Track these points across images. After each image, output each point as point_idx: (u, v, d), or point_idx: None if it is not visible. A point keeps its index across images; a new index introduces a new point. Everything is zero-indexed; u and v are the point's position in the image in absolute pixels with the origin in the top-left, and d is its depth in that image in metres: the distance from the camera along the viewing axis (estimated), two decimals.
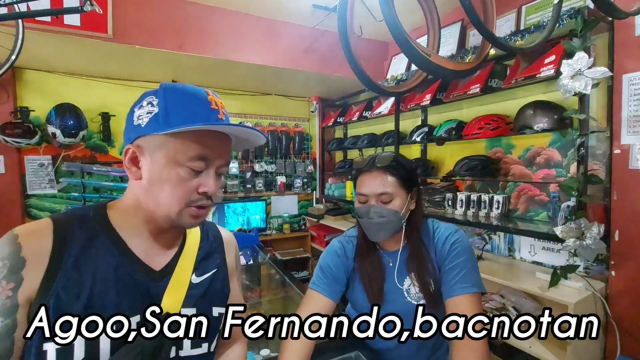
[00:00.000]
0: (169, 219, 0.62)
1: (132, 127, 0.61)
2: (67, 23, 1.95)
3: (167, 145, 0.59)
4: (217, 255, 0.78)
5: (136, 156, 0.61)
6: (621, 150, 1.55)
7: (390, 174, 0.97)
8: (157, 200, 0.61)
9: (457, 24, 2.38)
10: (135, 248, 0.64)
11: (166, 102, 0.59)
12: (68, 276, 0.56)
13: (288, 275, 1.96)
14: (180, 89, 0.62)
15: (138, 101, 0.63)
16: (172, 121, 0.58)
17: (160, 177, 0.60)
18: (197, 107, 0.61)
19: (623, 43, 1.54)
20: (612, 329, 1.54)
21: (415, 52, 1.16)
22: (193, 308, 0.68)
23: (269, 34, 2.58)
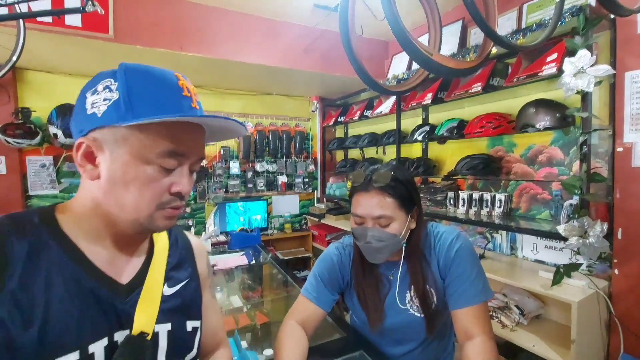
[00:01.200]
0: (137, 223, 0.53)
1: (85, 116, 0.50)
2: (68, 23, 1.95)
3: (131, 140, 0.49)
4: (188, 264, 0.69)
5: (91, 151, 0.51)
6: (624, 148, 1.54)
7: (388, 195, 0.89)
8: (121, 203, 0.51)
9: (458, 22, 2.37)
10: (96, 258, 0.53)
11: (128, 87, 0.49)
12: (13, 299, 0.45)
13: (290, 274, 1.96)
14: (144, 70, 0.51)
15: (90, 84, 0.51)
16: (137, 110, 0.48)
17: (124, 176, 0.50)
18: (167, 93, 0.51)
19: (625, 41, 1.54)
20: (616, 327, 1.54)
21: (416, 50, 1.16)
22: (168, 323, 0.60)
23: (270, 33, 2.58)
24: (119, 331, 0.53)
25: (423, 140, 2.49)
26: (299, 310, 1.00)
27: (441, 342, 1.06)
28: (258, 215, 3.48)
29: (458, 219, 2.15)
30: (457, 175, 2.18)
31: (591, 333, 1.53)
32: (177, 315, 0.62)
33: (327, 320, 1.22)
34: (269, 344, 1.26)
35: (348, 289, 1.05)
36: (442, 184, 2.46)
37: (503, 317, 1.73)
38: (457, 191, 2.29)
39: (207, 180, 3.31)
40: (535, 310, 1.76)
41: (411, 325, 0.98)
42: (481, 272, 0.94)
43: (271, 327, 1.43)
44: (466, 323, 0.87)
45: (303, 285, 1.06)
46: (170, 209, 0.54)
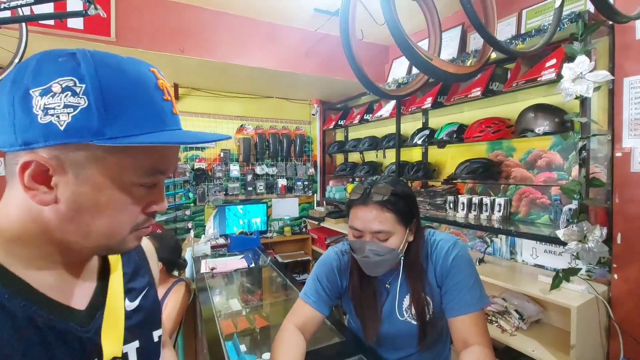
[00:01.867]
0: (104, 248, 0.46)
1: (33, 123, 0.37)
2: (70, 26, 1.96)
3: (107, 160, 0.40)
4: (144, 270, 0.62)
5: (46, 170, 0.39)
6: (622, 153, 1.55)
7: (387, 210, 0.88)
8: (87, 230, 0.42)
9: (458, 27, 2.39)
10: (42, 286, 0.43)
11: (101, 92, 0.38)
12: None
13: (289, 277, 1.96)
14: (116, 66, 0.40)
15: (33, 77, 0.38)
16: (115, 125, 0.38)
17: (96, 202, 0.41)
18: (147, 99, 0.41)
19: (624, 46, 1.55)
20: (615, 332, 1.54)
21: (416, 55, 1.17)
22: (136, 341, 0.53)
23: (271, 37, 2.59)
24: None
25: (423, 144, 2.50)
26: (297, 314, 1.00)
27: (438, 347, 1.06)
28: (258, 218, 3.48)
29: (458, 223, 2.15)
30: (457, 179, 2.19)
31: (591, 338, 1.52)
32: (143, 330, 0.56)
33: (326, 324, 1.22)
34: (267, 348, 1.25)
35: (346, 294, 1.05)
36: (441, 187, 2.47)
37: (502, 321, 1.72)
38: (456, 195, 2.29)
39: (207, 183, 3.31)
40: (534, 314, 1.76)
41: (407, 333, 0.98)
42: (478, 280, 0.94)
43: (270, 330, 1.43)
44: (463, 331, 0.87)
45: (302, 289, 1.05)
46: (144, 229, 0.47)
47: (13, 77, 0.39)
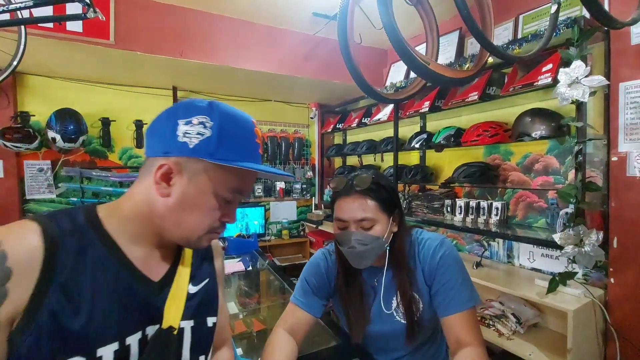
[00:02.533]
0: (185, 240, 0.60)
1: (175, 141, 0.55)
2: (69, 29, 1.97)
3: (211, 173, 0.57)
4: (209, 263, 0.75)
5: (170, 172, 0.56)
6: (618, 158, 1.56)
7: (370, 198, 0.90)
8: (181, 222, 0.58)
9: (455, 32, 2.41)
10: (134, 257, 0.58)
11: (221, 129, 0.56)
12: (64, 289, 0.49)
13: (287, 281, 1.95)
14: (233, 115, 0.59)
15: (184, 113, 0.56)
16: (224, 152, 0.56)
17: (195, 201, 0.57)
18: (246, 140, 0.60)
19: (619, 52, 1.56)
20: (612, 336, 1.54)
21: (413, 59, 1.18)
22: (191, 320, 0.65)
23: (270, 41, 2.60)
24: (150, 325, 0.59)
25: (420, 147, 2.50)
26: (287, 317, 1.00)
27: (432, 347, 1.06)
28: (255, 221, 3.48)
29: (455, 227, 2.16)
30: (455, 182, 2.19)
31: (587, 342, 1.52)
32: (200, 313, 0.67)
33: (322, 327, 1.21)
34: None
35: (335, 294, 1.05)
36: (439, 191, 2.47)
37: (500, 325, 1.72)
38: (454, 199, 2.30)
39: None
40: (532, 318, 1.76)
41: (396, 333, 0.98)
42: (467, 278, 0.94)
43: (267, 334, 1.42)
44: (456, 331, 0.87)
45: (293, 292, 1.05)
46: (215, 233, 0.62)
47: (172, 110, 0.58)
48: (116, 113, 2.93)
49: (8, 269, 0.47)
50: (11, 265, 0.47)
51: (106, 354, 0.52)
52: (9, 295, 0.46)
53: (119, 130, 2.96)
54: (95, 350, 0.51)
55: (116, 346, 0.53)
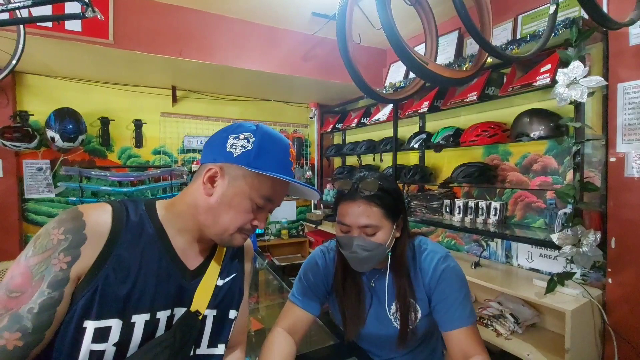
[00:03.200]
0: (219, 237, 0.69)
1: (223, 151, 0.67)
2: (68, 28, 1.97)
3: (247, 179, 0.67)
4: (238, 260, 0.83)
5: (216, 176, 0.67)
6: (616, 158, 1.56)
7: (375, 204, 0.88)
8: (217, 219, 0.67)
9: (454, 32, 2.41)
10: (177, 246, 0.68)
11: (261, 144, 0.67)
12: (119, 260, 0.60)
13: (286, 281, 1.95)
14: (273, 135, 0.70)
15: (233, 130, 0.69)
16: (260, 163, 0.66)
17: (231, 202, 0.67)
18: (281, 157, 0.70)
19: (617, 52, 1.56)
20: (610, 336, 1.54)
21: (412, 60, 1.18)
22: (214, 309, 0.73)
23: (269, 41, 2.61)
24: (178, 307, 0.67)
25: (420, 148, 2.51)
26: (286, 316, 0.99)
27: (427, 349, 1.06)
28: None
29: (454, 227, 2.16)
30: (453, 182, 2.20)
31: (585, 342, 1.53)
32: (223, 304, 0.75)
33: (320, 326, 1.21)
34: None
35: (333, 294, 1.04)
36: (438, 191, 2.47)
37: (498, 325, 1.72)
38: (453, 199, 2.30)
39: None
40: (530, 318, 1.76)
41: (390, 338, 0.97)
42: (468, 294, 0.93)
43: (266, 333, 1.43)
44: (462, 344, 0.87)
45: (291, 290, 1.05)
46: (245, 235, 0.71)
47: (227, 128, 0.71)
48: (115, 112, 2.93)
49: (84, 235, 0.58)
50: (87, 233, 0.58)
51: (139, 321, 0.61)
52: (81, 256, 0.57)
53: (118, 130, 2.96)
54: (131, 316, 0.60)
55: (147, 317, 0.62)
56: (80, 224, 0.58)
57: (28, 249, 0.57)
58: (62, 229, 0.57)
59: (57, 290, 0.55)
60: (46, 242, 0.57)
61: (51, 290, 0.54)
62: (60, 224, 0.58)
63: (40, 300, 0.54)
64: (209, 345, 0.72)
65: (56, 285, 0.55)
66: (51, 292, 0.54)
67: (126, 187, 2.93)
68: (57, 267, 0.55)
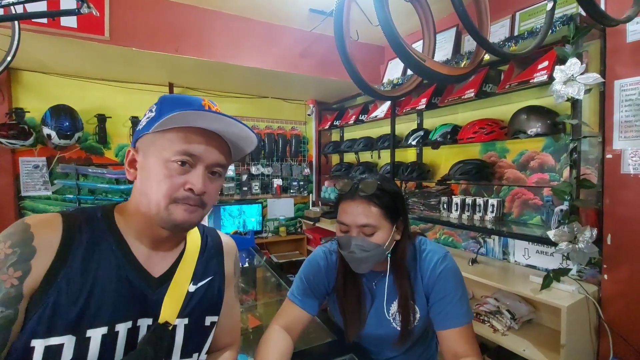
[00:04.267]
0: (159, 217, 0.60)
1: (136, 132, 0.65)
2: (63, 25, 1.95)
3: (156, 142, 0.61)
4: (215, 262, 0.76)
5: (134, 158, 0.64)
6: (613, 155, 1.57)
7: (374, 204, 0.89)
8: (148, 197, 0.60)
9: (452, 29, 2.40)
10: (137, 253, 0.64)
11: (161, 107, 0.63)
12: (71, 274, 0.56)
13: (284, 278, 1.95)
14: (177, 97, 0.66)
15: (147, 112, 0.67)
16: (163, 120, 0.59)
17: (150, 173, 0.61)
18: (187, 107, 0.62)
19: (614, 50, 1.57)
20: (605, 332, 1.56)
21: (410, 57, 1.17)
22: (186, 318, 0.67)
23: (266, 37, 2.59)
24: (142, 318, 0.62)
25: (417, 145, 2.51)
26: (284, 314, 1.00)
27: (422, 346, 1.07)
28: (253, 218, 3.48)
29: (451, 224, 2.17)
30: (451, 180, 2.20)
31: (581, 338, 1.54)
32: (197, 311, 0.69)
33: (317, 324, 1.22)
34: None
35: (332, 294, 1.05)
36: (435, 188, 2.48)
37: (494, 321, 1.74)
38: (450, 196, 2.31)
39: None
40: (526, 314, 1.77)
41: (389, 338, 0.98)
42: (465, 295, 0.94)
43: (263, 330, 1.43)
44: (454, 344, 0.87)
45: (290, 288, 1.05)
46: (185, 204, 0.61)
47: None
48: (112, 109, 2.91)
49: (33, 247, 0.55)
50: (36, 245, 0.55)
51: (94, 336, 0.56)
52: (31, 270, 0.54)
53: (115, 127, 2.95)
54: (85, 331, 0.55)
55: (105, 330, 0.57)
56: (28, 236, 0.55)
57: None
58: (8, 242, 0.54)
59: (11, 308, 0.51)
60: None
61: (4, 309, 0.51)
62: (7, 238, 0.54)
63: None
64: (182, 356, 0.67)
65: (9, 302, 0.51)
66: (4, 311, 0.51)
67: (123, 185, 2.92)
68: (7, 284, 0.52)
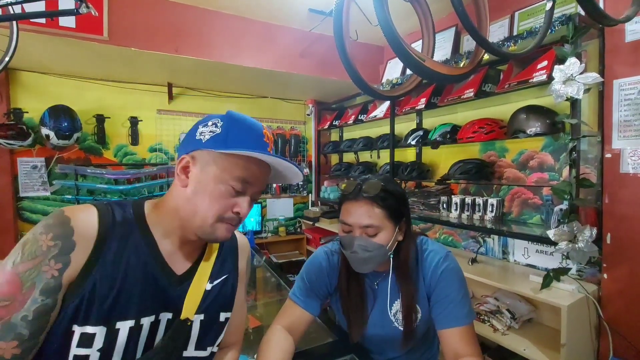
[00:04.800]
0: (201, 229, 0.65)
1: (193, 140, 0.66)
2: (62, 25, 1.94)
3: (218, 162, 0.64)
4: (230, 261, 0.80)
5: (188, 165, 0.65)
6: (612, 155, 1.57)
7: (377, 205, 0.89)
8: (196, 209, 0.64)
9: (451, 29, 2.40)
10: (163, 249, 0.67)
11: (228, 127, 0.65)
12: (105, 267, 0.59)
13: (284, 278, 1.95)
14: (243, 119, 0.68)
15: (204, 120, 0.68)
16: (229, 143, 0.63)
17: (205, 188, 0.64)
18: (252, 137, 0.66)
19: (613, 49, 1.57)
20: (605, 331, 1.56)
21: (409, 56, 1.17)
22: (202, 314, 0.71)
23: (266, 37, 2.59)
24: (163, 312, 0.66)
25: (417, 144, 2.51)
26: (286, 314, 1.00)
27: (424, 346, 1.07)
28: (252, 218, 3.47)
29: (451, 223, 2.17)
30: (450, 179, 2.20)
31: (581, 337, 1.54)
32: (212, 308, 0.73)
33: (318, 324, 1.22)
34: None
35: (335, 294, 1.05)
36: (435, 188, 2.48)
37: (495, 321, 1.74)
38: (450, 195, 2.31)
39: None
40: (526, 314, 1.78)
41: (392, 338, 0.98)
42: (467, 295, 0.94)
43: (264, 330, 1.43)
44: (454, 344, 0.87)
45: (291, 289, 1.05)
46: (229, 224, 0.67)
47: (199, 121, 0.68)
48: (111, 110, 2.90)
49: (73, 241, 0.57)
50: (76, 239, 0.57)
51: (123, 328, 0.60)
52: (71, 263, 0.57)
53: (113, 127, 2.94)
54: (115, 322, 0.59)
55: (132, 323, 0.61)
56: (69, 230, 0.57)
57: (15, 255, 0.56)
58: (50, 234, 0.56)
59: (50, 297, 0.55)
60: (35, 248, 0.56)
61: (44, 298, 0.54)
62: (49, 230, 0.57)
63: (34, 307, 0.54)
64: (197, 348, 0.71)
65: (49, 292, 0.55)
66: (45, 300, 0.54)
67: (122, 185, 2.92)
68: (48, 275, 0.55)
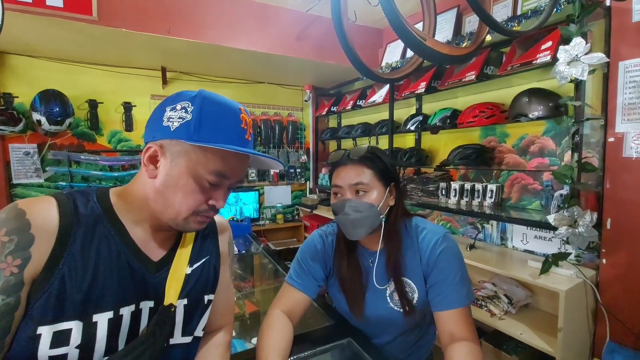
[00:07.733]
0: (174, 222, 0.62)
1: (160, 126, 0.59)
2: (49, 4, 1.87)
3: (190, 155, 0.59)
4: (210, 242, 0.77)
5: (157, 155, 0.60)
6: (615, 139, 1.54)
7: (366, 166, 0.92)
8: (167, 203, 0.60)
9: (453, 10, 2.34)
10: (136, 237, 0.63)
11: (201, 113, 0.58)
12: (73, 259, 0.55)
13: (281, 265, 1.94)
14: (217, 101, 0.61)
15: (171, 101, 0.61)
16: (203, 134, 0.57)
17: (177, 183, 0.59)
18: (229, 124, 0.60)
19: (619, 30, 1.52)
20: (602, 316, 1.56)
21: (410, 36, 1.13)
22: (185, 299, 0.69)
23: (261, 18, 2.51)
24: (144, 300, 0.63)
25: (416, 130, 2.47)
26: (283, 298, 0.99)
27: (421, 330, 1.06)
28: (249, 205, 3.45)
29: (449, 209, 2.15)
30: (450, 165, 2.17)
31: (578, 321, 1.54)
32: (195, 291, 0.71)
33: (315, 308, 1.21)
34: (256, 333, 1.24)
35: (330, 276, 1.04)
36: (434, 174, 2.45)
37: (492, 306, 1.74)
38: (449, 181, 2.28)
39: None
40: (524, 299, 1.78)
41: (391, 318, 0.97)
42: (465, 275, 0.92)
43: (260, 316, 1.42)
44: (450, 325, 0.86)
45: (287, 273, 1.04)
46: (203, 216, 0.64)
47: (165, 100, 0.62)
48: (104, 95, 2.84)
49: (31, 235, 0.53)
50: (34, 233, 0.53)
51: (101, 320, 0.57)
52: (32, 258, 0.53)
53: (107, 113, 2.88)
54: (92, 315, 0.56)
55: (111, 315, 0.58)
56: (25, 223, 0.53)
57: None
58: (3, 229, 0.52)
59: (12, 296, 0.51)
60: None
61: (5, 297, 0.51)
62: (2, 225, 0.53)
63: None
64: (183, 334, 0.69)
65: (10, 290, 0.51)
66: (6, 299, 0.51)
67: (117, 172, 2.88)
68: (6, 272, 0.51)
